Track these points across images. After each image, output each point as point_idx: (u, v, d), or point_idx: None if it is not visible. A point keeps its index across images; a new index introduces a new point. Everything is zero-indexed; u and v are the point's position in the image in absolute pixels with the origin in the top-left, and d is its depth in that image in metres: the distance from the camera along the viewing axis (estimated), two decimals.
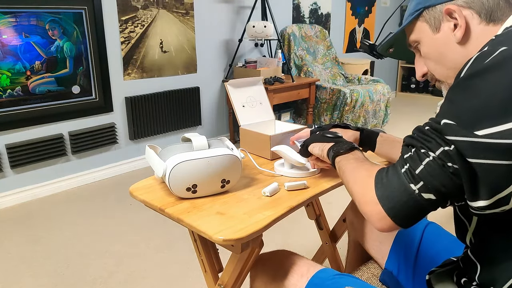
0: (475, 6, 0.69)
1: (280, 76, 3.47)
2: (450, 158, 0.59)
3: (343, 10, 4.82)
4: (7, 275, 1.82)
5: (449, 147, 0.58)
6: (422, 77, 0.82)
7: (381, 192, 0.65)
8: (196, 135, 0.96)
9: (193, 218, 0.85)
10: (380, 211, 0.64)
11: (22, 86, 2.44)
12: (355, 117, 3.74)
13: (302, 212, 1.56)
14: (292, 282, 0.88)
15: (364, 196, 0.68)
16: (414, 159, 0.63)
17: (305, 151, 1.00)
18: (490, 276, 0.66)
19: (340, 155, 0.84)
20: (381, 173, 0.68)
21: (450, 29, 0.71)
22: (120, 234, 2.17)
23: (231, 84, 1.32)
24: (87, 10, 2.63)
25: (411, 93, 5.97)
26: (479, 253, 0.69)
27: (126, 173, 3.06)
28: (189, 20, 3.23)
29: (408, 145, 0.66)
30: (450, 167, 0.59)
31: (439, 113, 0.62)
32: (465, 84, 0.59)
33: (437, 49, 0.75)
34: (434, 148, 0.60)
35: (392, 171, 0.65)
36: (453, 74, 0.74)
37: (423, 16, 0.75)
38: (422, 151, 0.62)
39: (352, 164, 0.79)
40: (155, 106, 3.09)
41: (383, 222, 0.65)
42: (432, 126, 0.62)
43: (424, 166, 0.61)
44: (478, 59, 0.60)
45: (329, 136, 0.96)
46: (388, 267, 1.03)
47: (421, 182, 0.61)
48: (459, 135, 0.57)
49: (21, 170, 2.55)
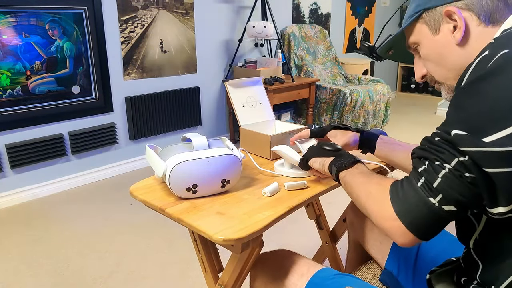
0: (474, 8, 0.69)
1: (280, 76, 3.47)
2: (466, 168, 0.58)
3: (343, 10, 4.82)
4: (7, 275, 1.82)
5: (464, 157, 0.58)
6: (421, 79, 0.82)
7: (399, 208, 0.64)
8: (196, 135, 0.96)
9: (193, 218, 0.85)
10: (400, 227, 0.64)
11: (22, 86, 2.44)
12: (355, 117, 3.74)
13: (302, 212, 1.56)
14: (292, 281, 0.88)
15: (381, 212, 0.67)
16: (430, 172, 0.62)
17: (305, 165, 0.99)
18: (492, 274, 0.67)
19: (344, 170, 0.83)
20: (395, 187, 0.67)
21: (450, 30, 0.71)
22: (120, 234, 2.17)
23: (231, 84, 1.32)
24: (87, 10, 2.63)
25: (411, 93, 5.97)
26: (482, 252, 0.69)
27: (126, 173, 3.06)
28: (189, 20, 3.23)
29: (421, 157, 0.65)
30: (468, 177, 0.58)
31: (447, 122, 0.62)
32: (470, 89, 0.59)
33: (436, 51, 0.75)
34: (448, 159, 0.60)
35: (408, 185, 0.65)
36: (453, 76, 0.74)
37: (423, 18, 0.75)
38: (437, 163, 0.61)
39: (359, 179, 0.78)
40: (155, 106, 3.09)
41: (405, 237, 0.64)
42: (443, 136, 0.61)
43: (441, 179, 0.60)
44: (480, 64, 0.60)
45: (328, 149, 0.94)
46: (388, 267, 1.04)
47: (440, 194, 0.60)
48: (472, 146, 0.57)
49: (21, 170, 2.55)
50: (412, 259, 0.99)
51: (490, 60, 0.58)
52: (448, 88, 0.77)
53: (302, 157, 1.00)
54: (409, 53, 0.84)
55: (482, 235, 0.68)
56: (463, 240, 0.74)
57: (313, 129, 1.14)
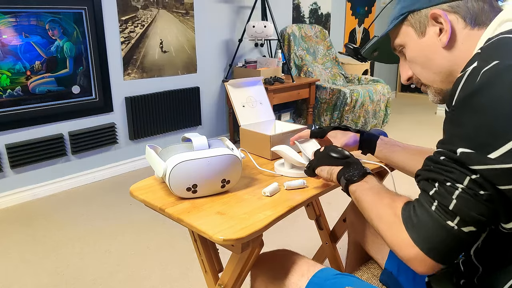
0: (460, 11, 0.69)
1: (280, 76, 3.47)
2: (480, 186, 0.57)
3: (343, 10, 4.83)
4: (7, 275, 1.82)
5: (476, 175, 0.57)
6: (407, 81, 0.82)
7: (416, 235, 0.62)
8: (196, 135, 0.96)
9: (193, 218, 0.85)
10: (419, 254, 0.62)
11: (22, 86, 2.44)
12: (355, 117, 3.74)
13: (302, 212, 1.56)
14: (292, 281, 0.88)
15: (396, 238, 0.65)
16: (442, 194, 0.60)
17: (312, 173, 0.96)
18: (490, 279, 0.66)
19: (354, 184, 0.81)
20: (408, 213, 0.65)
21: (436, 33, 0.71)
22: (120, 234, 2.17)
23: (231, 84, 1.32)
24: (87, 10, 2.63)
25: (411, 93, 5.97)
26: (483, 258, 0.69)
27: (126, 173, 3.06)
28: (189, 20, 3.23)
29: (428, 179, 0.63)
30: (483, 195, 0.57)
31: (449, 140, 0.61)
32: (467, 104, 0.58)
33: (422, 54, 0.74)
34: (460, 179, 0.58)
35: (421, 210, 0.62)
36: (440, 79, 0.73)
37: (408, 20, 0.74)
38: (448, 184, 0.59)
39: (369, 197, 0.75)
40: (155, 106, 3.09)
41: (425, 264, 0.62)
42: (449, 156, 0.60)
43: (456, 200, 0.58)
44: (471, 77, 0.59)
45: (336, 156, 0.89)
46: (388, 267, 1.03)
47: (457, 216, 0.59)
48: (480, 164, 0.56)
49: (21, 170, 2.55)
50: None
51: (481, 72, 0.57)
52: (435, 91, 0.76)
53: (308, 164, 0.97)
54: (395, 55, 0.84)
55: (485, 243, 0.68)
56: None
57: (313, 130, 1.14)
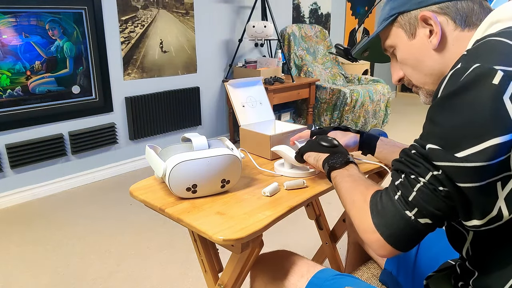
0: (450, 12, 0.69)
1: (280, 76, 3.47)
2: (440, 182, 0.59)
3: (343, 10, 4.83)
4: (7, 275, 1.82)
5: (438, 171, 0.59)
6: (398, 82, 0.83)
7: (378, 220, 0.65)
8: (196, 135, 0.96)
9: (193, 218, 0.85)
10: (379, 239, 0.65)
11: (22, 86, 2.44)
12: (355, 117, 3.74)
13: (302, 212, 1.56)
14: (292, 282, 0.88)
15: (362, 223, 0.68)
16: (405, 185, 0.63)
17: (300, 158, 1.00)
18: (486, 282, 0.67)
19: (335, 170, 0.84)
20: (375, 199, 0.68)
21: (426, 35, 0.71)
22: (120, 234, 2.17)
23: (231, 84, 1.32)
24: (87, 10, 2.63)
25: (411, 93, 5.97)
26: (475, 262, 0.69)
27: (126, 173, 3.06)
28: (189, 20, 3.23)
29: (398, 170, 0.66)
30: (442, 191, 0.59)
31: (423, 135, 0.63)
32: (444, 104, 0.59)
33: (413, 55, 0.74)
34: (423, 173, 0.61)
35: (386, 197, 0.66)
36: (431, 81, 0.74)
37: (398, 21, 0.74)
38: (412, 177, 0.62)
39: (347, 183, 0.78)
40: (155, 106, 3.09)
41: (384, 249, 0.65)
42: (418, 150, 0.62)
43: (416, 192, 0.61)
44: (453, 77, 0.59)
45: (324, 144, 0.94)
46: (388, 267, 1.04)
47: (415, 208, 0.62)
48: (444, 160, 0.57)
49: (21, 170, 2.55)
50: (411, 259, 1.00)
51: (463, 74, 0.57)
52: (427, 92, 0.77)
53: (298, 150, 1.01)
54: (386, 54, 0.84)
55: (473, 246, 0.68)
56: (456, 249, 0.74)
57: (314, 130, 1.14)
